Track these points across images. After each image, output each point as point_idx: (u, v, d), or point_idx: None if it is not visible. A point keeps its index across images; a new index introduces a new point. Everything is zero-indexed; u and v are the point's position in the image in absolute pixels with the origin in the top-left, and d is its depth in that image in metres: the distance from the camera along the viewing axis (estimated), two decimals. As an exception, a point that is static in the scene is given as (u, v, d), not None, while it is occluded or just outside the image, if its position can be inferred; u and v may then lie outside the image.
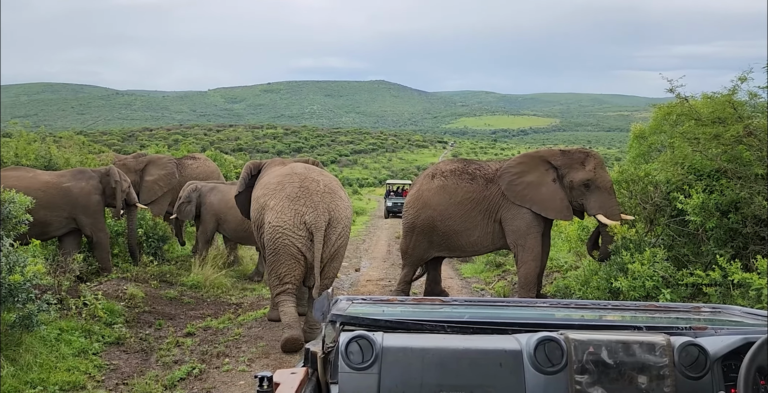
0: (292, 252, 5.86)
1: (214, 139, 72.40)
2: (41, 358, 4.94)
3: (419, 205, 7.66)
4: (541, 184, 7.13)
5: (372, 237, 17.01)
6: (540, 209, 7.09)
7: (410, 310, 2.25)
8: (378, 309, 2.21)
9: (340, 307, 2.07)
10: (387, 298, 2.46)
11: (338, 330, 1.88)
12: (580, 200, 7.06)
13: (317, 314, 1.99)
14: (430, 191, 7.58)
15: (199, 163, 11.06)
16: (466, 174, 7.52)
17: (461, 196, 7.39)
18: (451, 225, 7.44)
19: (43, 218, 7.63)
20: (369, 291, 9.09)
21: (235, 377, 5.16)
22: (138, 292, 7.46)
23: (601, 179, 6.92)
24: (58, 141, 14.00)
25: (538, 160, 7.27)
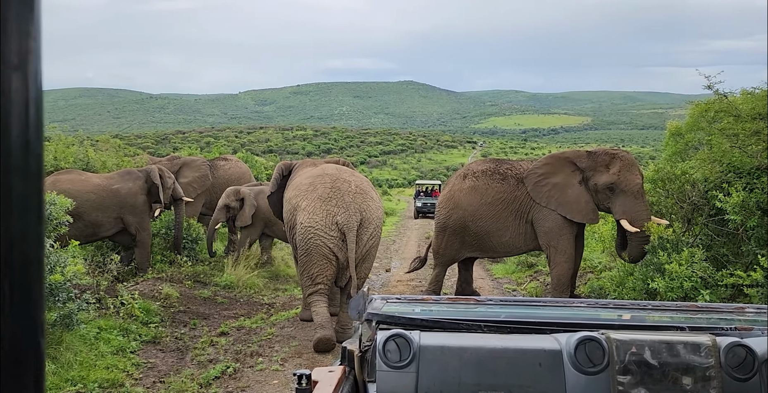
0: (323, 252, 5.89)
1: (244, 141, 73.29)
2: (81, 356, 5.06)
3: (451, 205, 7.62)
4: (566, 186, 6.99)
5: (402, 237, 16.99)
6: (565, 211, 6.95)
7: (445, 310, 2.25)
8: (412, 308, 2.21)
9: (375, 306, 2.07)
10: (421, 297, 2.45)
11: (374, 329, 1.88)
12: (606, 203, 6.90)
13: (353, 313, 1.99)
14: (461, 192, 7.54)
15: (231, 164, 11.21)
16: (497, 174, 7.44)
17: (492, 197, 7.32)
18: (483, 226, 7.38)
19: (95, 219, 8.03)
20: (400, 291, 9.08)
21: (269, 376, 5.20)
22: (173, 292, 7.58)
23: (626, 183, 6.71)
24: (95, 144, 14.34)
25: (564, 161, 7.13)
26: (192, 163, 10.33)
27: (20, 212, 0.42)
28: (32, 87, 0.43)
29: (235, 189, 9.93)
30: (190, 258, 9.38)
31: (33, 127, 0.42)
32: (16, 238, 0.41)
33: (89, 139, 14.30)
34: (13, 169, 0.42)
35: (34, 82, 0.43)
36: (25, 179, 0.42)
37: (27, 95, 0.42)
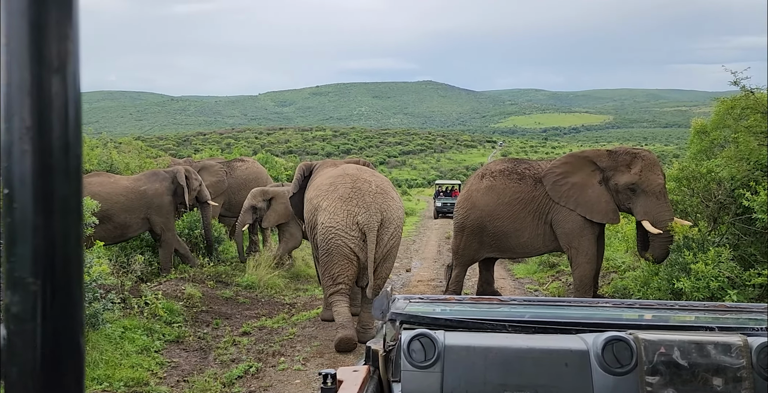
0: (344, 252, 5.90)
1: (264, 142, 73.80)
2: (107, 355, 5.13)
3: (468, 205, 7.57)
4: (586, 186, 6.87)
5: (422, 237, 16.97)
6: (585, 212, 6.84)
7: (469, 309, 2.23)
8: (436, 308, 2.20)
9: (398, 306, 2.06)
10: (444, 297, 2.44)
11: (398, 328, 1.87)
12: (627, 204, 6.78)
13: (377, 313, 1.99)
14: (478, 192, 7.48)
15: (248, 165, 11.28)
16: (515, 174, 7.36)
17: (509, 197, 7.23)
18: (500, 226, 7.30)
19: (124, 221, 8.23)
20: (420, 291, 9.06)
21: (291, 376, 5.23)
22: (196, 292, 7.66)
23: (647, 183, 6.58)
24: (118, 146, 14.55)
25: (584, 160, 7.02)
26: (210, 168, 10.42)
27: (61, 213, 0.42)
28: (71, 89, 0.43)
29: (261, 190, 9.98)
30: (212, 258, 9.47)
31: (72, 129, 0.43)
32: (57, 239, 0.42)
33: (112, 141, 14.50)
34: (55, 170, 0.42)
35: (73, 84, 0.44)
36: (65, 180, 0.43)
37: (66, 97, 0.43)
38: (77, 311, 0.43)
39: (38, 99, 0.42)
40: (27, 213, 0.42)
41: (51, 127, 0.42)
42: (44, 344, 0.42)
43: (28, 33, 0.42)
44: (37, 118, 0.42)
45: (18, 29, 0.42)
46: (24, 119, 0.42)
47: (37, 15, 0.42)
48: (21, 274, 0.41)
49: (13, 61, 0.42)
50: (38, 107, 0.42)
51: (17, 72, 0.42)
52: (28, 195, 0.42)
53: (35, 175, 0.42)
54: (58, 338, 0.42)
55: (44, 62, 0.42)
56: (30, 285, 0.42)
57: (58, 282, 0.42)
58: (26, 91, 0.42)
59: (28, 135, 0.42)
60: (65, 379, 0.42)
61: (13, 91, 0.42)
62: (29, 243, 0.42)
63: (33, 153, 0.42)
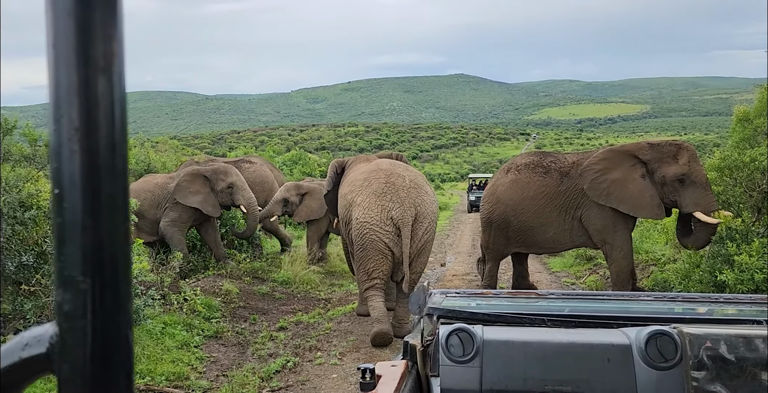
0: (379, 247, 5.91)
1: (297, 139, 74.38)
2: (148, 351, 5.25)
3: (493, 200, 7.48)
4: (627, 181, 6.66)
5: (456, 232, 16.90)
6: (628, 208, 6.64)
7: (506, 303, 2.20)
8: (472, 302, 2.18)
9: (435, 300, 2.05)
10: (481, 291, 2.42)
11: (436, 323, 1.86)
12: (672, 197, 6.57)
13: (413, 308, 1.98)
14: (503, 186, 7.37)
15: (255, 167, 11.30)
16: (540, 167, 7.20)
17: (534, 191, 7.08)
18: (525, 221, 7.16)
19: (153, 217, 8.43)
20: (455, 286, 9.02)
21: (328, 370, 5.27)
22: (233, 288, 7.77)
23: (696, 173, 6.41)
24: (155, 146, 14.85)
25: (624, 155, 6.80)
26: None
27: (109, 212, 0.43)
28: (117, 89, 0.44)
29: (295, 184, 10.04)
30: (248, 255, 9.60)
31: (119, 129, 0.44)
32: (105, 238, 0.43)
33: (149, 140, 14.81)
34: (102, 169, 0.43)
35: (118, 84, 0.44)
36: (113, 179, 0.44)
37: (113, 97, 0.44)
38: (126, 307, 0.44)
39: (86, 99, 0.43)
40: (76, 213, 0.42)
41: (98, 127, 0.43)
42: (94, 340, 0.43)
43: (74, 33, 0.42)
44: (85, 119, 0.43)
45: (64, 30, 0.42)
46: (72, 120, 0.43)
47: (83, 15, 0.42)
48: (71, 272, 0.42)
49: (60, 62, 0.42)
50: (86, 108, 0.43)
51: (65, 73, 0.42)
52: (77, 195, 0.42)
53: (84, 175, 0.43)
54: (107, 334, 0.43)
55: (91, 63, 0.42)
56: (80, 283, 0.42)
57: (107, 280, 0.43)
58: (74, 91, 0.42)
59: (76, 136, 0.42)
60: (115, 373, 0.44)
61: (62, 92, 0.43)
62: (78, 242, 0.42)
63: (81, 153, 0.42)
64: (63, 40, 0.42)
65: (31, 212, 4.99)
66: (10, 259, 4.88)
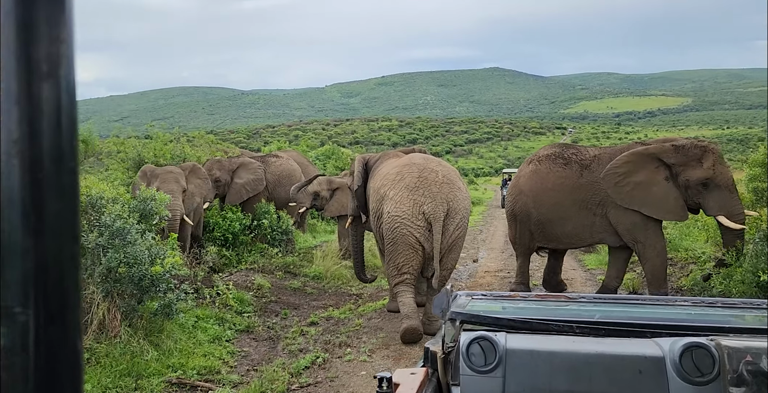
0: (410, 242, 5.86)
1: (331, 134, 74.70)
2: (181, 344, 5.32)
3: (516, 191, 7.45)
4: (651, 184, 6.55)
5: (489, 227, 16.73)
6: (651, 211, 6.53)
7: (534, 308, 2.11)
8: (499, 306, 2.10)
9: (459, 303, 1.98)
10: (508, 294, 2.32)
11: (458, 328, 1.79)
12: (696, 199, 6.42)
13: (436, 311, 1.91)
14: (525, 177, 7.34)
15: (282, 161, 11.32)
16: (560, 159, 7.10)
17: (552, 182, 6.99)
18: (545, 213, 7.07)
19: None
20: (487, 282, 8.93)
21: (357, 367, 5.25)
22: (265, 283, 7.83)
23: (721, 177, 6.25)
24: (191, 140, 15.05)
25: (647, 157, 6.65)
26: (249, 166, 10.52)
27: (53, 232, 0.38)
28: (64, 96, 0.39)
29: (328, 179, 10.05)
30: (280, 250, 9.65)
31: (66, 140, 0.39)
32: (49, 262, 0.38)
33: (185, 135, 15.01)
34: (46, 185, 0.39)
35: (66, 90, 0.40)
36: (59, 196, 0.39)
37: (59, 105, 0.39)
38: (74, 342, 0.39)
39: (27, 108, 0.38)
40: (15, 234, 0.38)
41: (41, 138, 0.38)
42: (38, 379, 0.38)
43: (15, 34, 0.38)
44: (26, 129, 0.38)
45: (4, 31, 0.38)
46: (11, 131, 0.38)
47: (25, 15, 0.38)
48: (9, 302, 0.38)
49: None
50: (27, 117, 0.38)
51: (3, 78, 0.38)
52: (17, 214, 0.38)
53: (24, 191, 0.38)
54: (52, 373, 0.38)
55: (33, 67, 0.38)
56: (18, 315, 0.38)
57: (52, 310, 0.38)
58: (13, 99, 0.38)
59: (15, 148, 0.38)
60: None
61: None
62: (18, 268, 0.38)
63: (21, 167, 0.38)
64: (2, 42, 0.38)
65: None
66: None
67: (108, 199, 5.15)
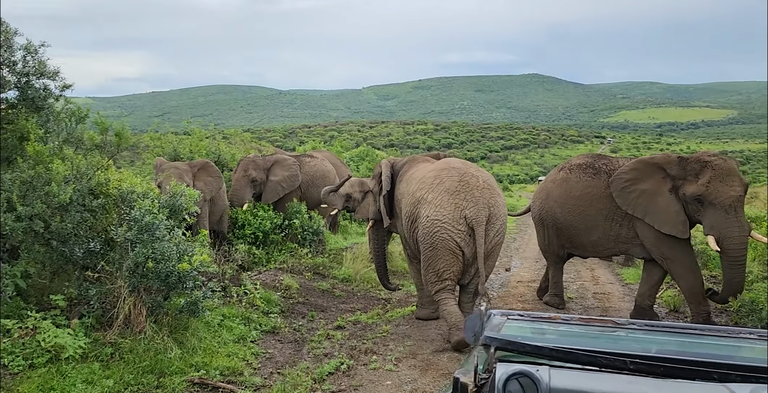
0: (450, 247, 5.73)
1: (367, 135, 74.78)
2: (205, 343, 5.24)
3: (543, 196, 7.50)
4: (656, 194, 6.41)
5: (523, 235, 16.40)
6: (653, 221, 6.37)
7: (578, 334, 1.87)
8: (538, 329, 1.87)
9: (493, 324, 1.76)
10: (548, 315, 2.09)
11: (493, 356, 1.57)
12: (697, 216, 6.22)
13: (468, 335, 1.70)
14: (554, 183, 7.37)
15: (317, 161, 11.23)
16: (590, 168, 7.07)
17: (580, 191, 6.97)
18: (571, 221, 7.06)
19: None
20: (520, 293, 8.67)
21: (382, 376, 5.09)
22: (293, 283, 7.74)
23: (715, 195, 5.99)
24: (228, 138, 15.12)
25: (654, 167, 6.54)
26: (283, 162, 10.44)
27: None
28: None
29: (360, 180, 9.92)
30: (310, 250, 9.56)
31: None
32: None
33: (222, 133, 15.09)
34: None
35: None
36: None
37: None
38: None
39: None
40: None
41: None
42: None
43: None
44: None
45: None
46: None
47: None
48: None
49: None
50: None
51: None
52: None
53: None
54: None
55: None
56: None
57: None
58: None
59: None
60: None
61: None
62: None
63: None
64: None
65: (100, 200, 5.06)
66: (78, 245, 4.96)
67: (139, 193, 5.10)
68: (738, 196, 6.00)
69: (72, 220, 4.84)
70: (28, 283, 4.82)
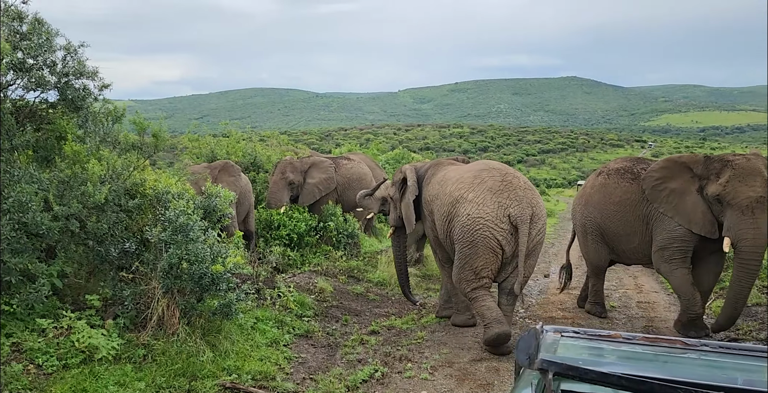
0: (491, 245, 5.73)
1: (402, 138, 74.69)
2: (237, 346, 5.16)
3: (582, 202, 7.40)
4: (685, 193, 6.30)
5: (562, 240, 15.99)
6: (683, 220, 6.24)
7: (645, 357, 1.65)
8: (596, 349, 1.68)
9: (548, 343, 1.58)
10: (607, 333, 1.89)
11: (551, 383, 1.38)
12: (721, 217, 6.05)
13: (521, 357, 1.51)
14: (593, 188, 7.25)
15: (353, 164, 11.13)
16: (629, 173, 6.94)
17: (619, 196, 6.84)
18: (611, 226, 6.94)
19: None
20: (559, 300, 8.40)
21: (417, 385, 4.93)
22: (327, 286, 7.64)
23: (732, 195, 5.83)
24: (264, 140, 15.19)
25: (681, 166, 6.43)
26: (320, 165, 10.37)
27: None
28: None
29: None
30: (344, 253, 9.46)
31: None
32: None
33: (258, 135, 15.16)
34: None
35: None
36: None
37: None
38: None
39: None
40: None
41: None
42: None
43: None
44: None
45: None
46: None
47: None
48: None
49: None
50: None
51: None
52: None
53: None
54: None
55: None
56: None
57: None
58: None
59: None
60: None
61: None
62: None
63: None
64: None
65: (136, 201, 5.04)
66: (114, 245, 4.95)
67: (173, 193, 5.06)
68: (757, 197, 5.80)
69: (108, 220, 4.83)
70: (64, 282, 4.83)
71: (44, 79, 5.10)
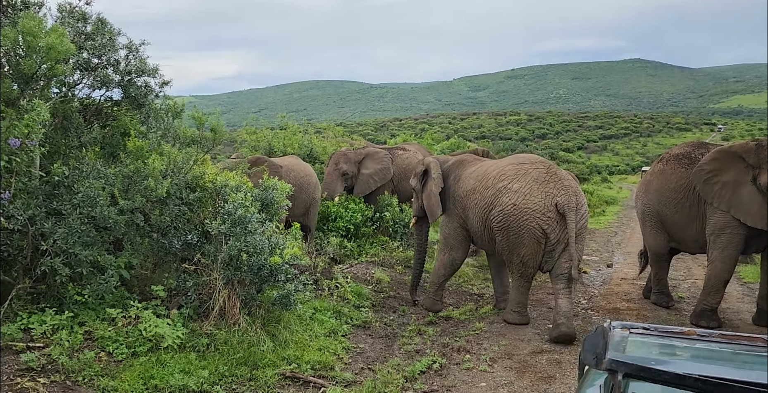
0: (536, 235, 5.93)
1: (458, 128, 73.93)
2: (296, 336, 5.24)
3: (643, 189, 7.30)
4: (739, 185, 6.01)
5: (625, 229, 15.52)
6: (739, 213, 5.97)
7: (721, 355, 1.53)
8: (668, 347, 1.57)
9: (616, 340, 1.49)
10: (679, 329, 1.77)
11: (621, 384, 1.29)
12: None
13: (588, 357, 1.43)
14: (652, 175, 7.12)
15: (409, 154, 11.03)
16: (686, 159, 6.74)
17: (675, 183, 6.68)
18: (669, 214, 6.78)
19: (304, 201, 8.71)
20: (624, 291, 8.13)
21: (476, 377, 4.88)
22: (384, 277, 7.66)
23: None
24: (320, 131, 15.34)
25: (733, 156, 6.14)
26: (375, 155, 10.32)
27: None
28: None
29: None
30: (401, 243, 9.45)
31: None
32: None
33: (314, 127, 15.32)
34: None
35: None
36: None
37: None
38: None
39: None
40: None
41: None
42: None
43: None
44: None
45: None
46: None
47: None
48: None
49: None
50: None
51: None
52: None
53: None
54: None
55: None
56: None
57: None
58: None
59: None
60: None
61: None
62: None
63: None
64: None
65: (196, 194, 5.17)
66: (177, 237, 5.10)
67: (232, 186, 5.16)
68: None
69: (170, 213, 4.98)
70: (131, 273, 5.01)
71: (108, 78, 5.29)
